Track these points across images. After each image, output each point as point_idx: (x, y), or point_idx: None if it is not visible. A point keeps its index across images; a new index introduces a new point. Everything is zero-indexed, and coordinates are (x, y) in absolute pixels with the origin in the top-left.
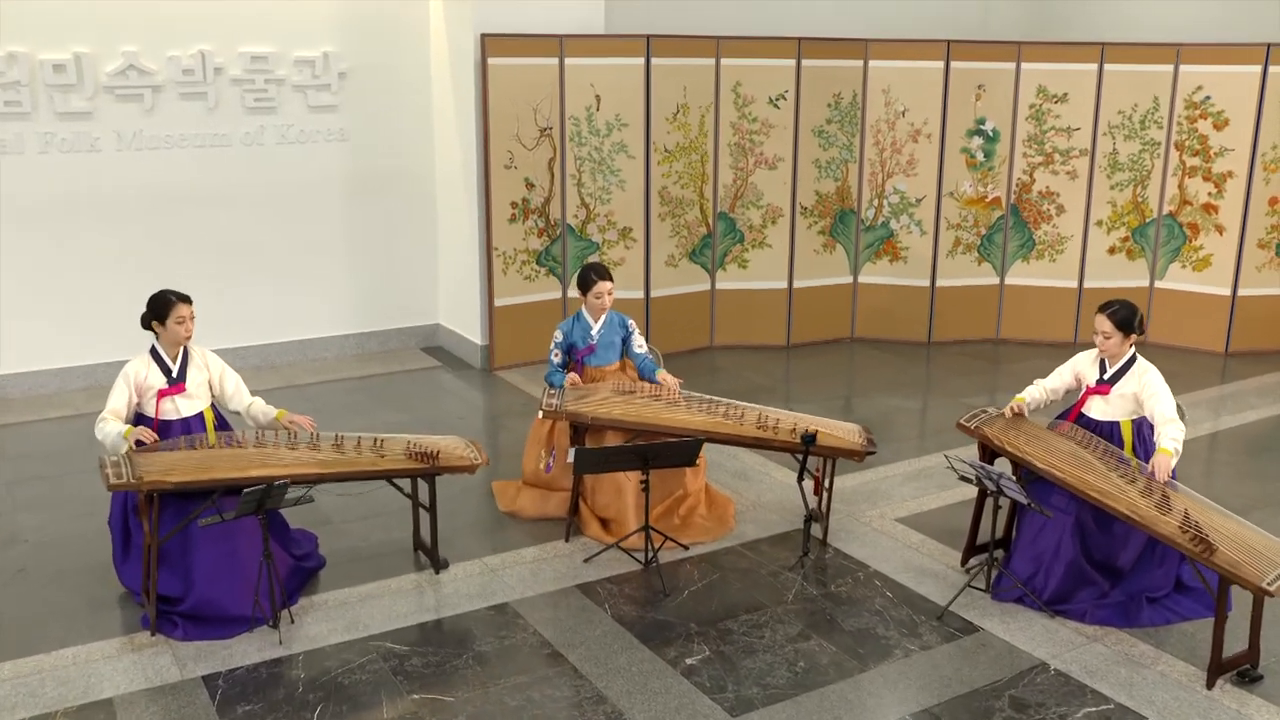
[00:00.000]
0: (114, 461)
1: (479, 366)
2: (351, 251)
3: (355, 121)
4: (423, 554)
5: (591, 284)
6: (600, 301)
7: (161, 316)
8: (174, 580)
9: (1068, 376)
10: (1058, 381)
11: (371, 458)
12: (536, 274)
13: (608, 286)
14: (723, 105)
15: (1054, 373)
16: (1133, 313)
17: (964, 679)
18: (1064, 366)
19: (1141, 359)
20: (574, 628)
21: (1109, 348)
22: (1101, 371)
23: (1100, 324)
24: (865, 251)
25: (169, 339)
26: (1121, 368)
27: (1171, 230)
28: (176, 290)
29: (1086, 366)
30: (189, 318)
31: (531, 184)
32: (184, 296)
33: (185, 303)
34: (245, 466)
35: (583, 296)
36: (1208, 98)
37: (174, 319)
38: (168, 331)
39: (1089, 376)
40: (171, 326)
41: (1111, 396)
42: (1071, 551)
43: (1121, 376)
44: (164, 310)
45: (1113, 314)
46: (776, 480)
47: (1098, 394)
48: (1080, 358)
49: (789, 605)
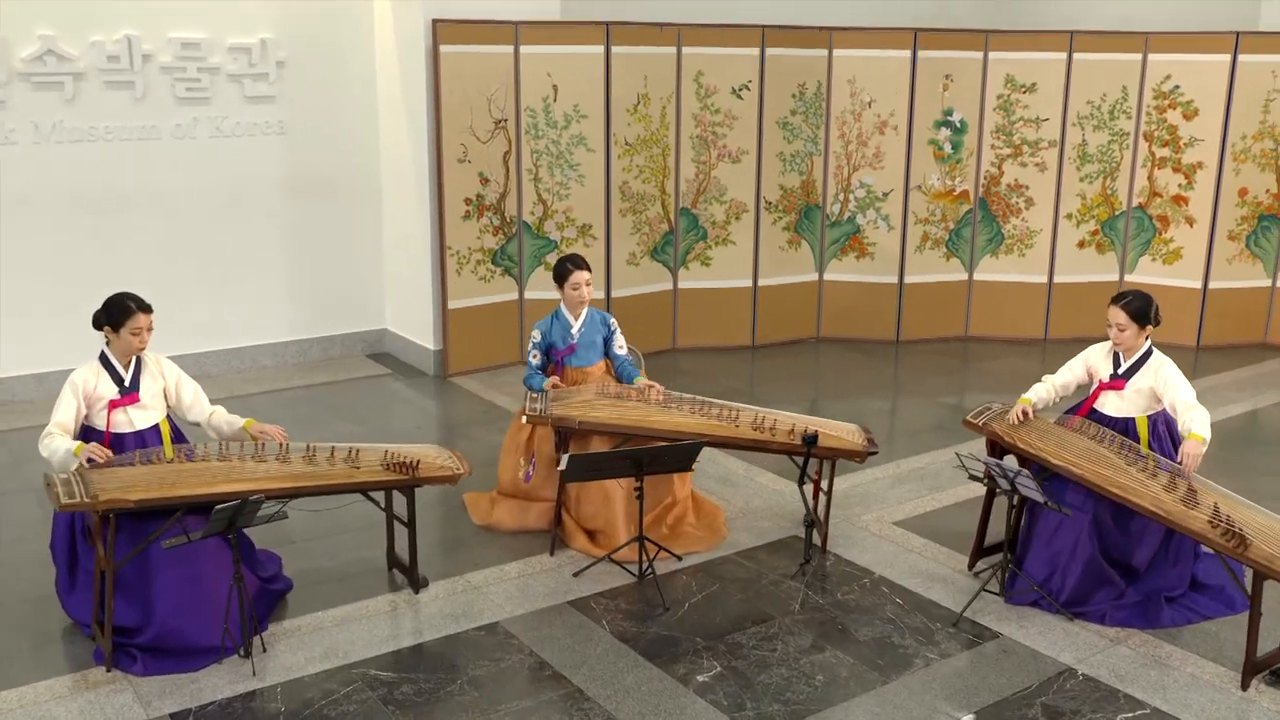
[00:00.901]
0: (63, 479)
1: (432, 373)
2: (291, 252)
3: (295, 114)
4: (399, 573)
5: (567, 274)
6: (578, 293)
7: (116, 323)
8: (131, 609)
9: (1079, 371)
10: (1068, 377)
11: (346, 470)
12: (492, 274)
13: (585, 277)
14: (684, 96)
15: (1063, 368)
16: (1148, 303)
17: (991, 687)
18: (1074, 361)
19: (1157, 351)
20: (572, 646)
21: (1124, 341)
22: (1115, 365)
23: (1114, 316)
24: (831, 248)
25: (121, 347)
26: (1137, 361)
27: (1141, 223)
28: (137, 296)
29: (1099, 360)
30: (146, 329)
31: (486, 179)
32: (144, 305)
33: (145, 312)
34: (211, 482)
35: (559, 289)
36: (1177, 87)
37: (129, 328)
38: (120, 340)
39: (1102, 371)
40: (125, 336)
41: (1127, 392)
42: (1089, 550)
43: (1137, 370)
44: (120, 317)
45: (1126, 305)
46: (764, 485)
47: (1112, 389)
48: (1092, 351)
49: (797, 615)
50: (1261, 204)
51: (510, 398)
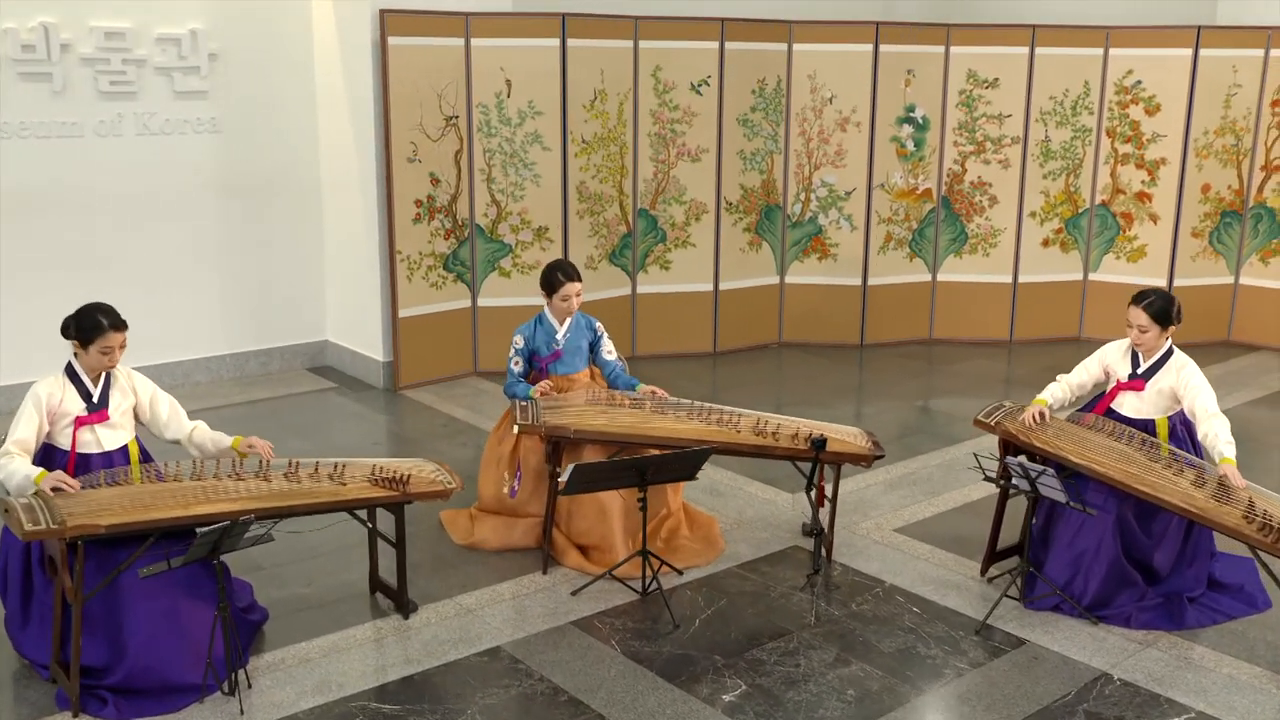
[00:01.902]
0: (24, 504)
1: (381, 386)
2: (226, 259)
3: (229, 110)
4: (383, 597)
5: (558, 285)
6: (568, 304)
7: (85, 339)
8: (98, 647)
9: (1095, 370)
10: (1083, 376)
11: (332, 487)
12: (444, 280)
13: (576, 288)
14: (642, 91)
15: (1078, 366)
16: (1170, 303)
17: (1029, 696)
18: (1090, 360)
19: (1179, 351)
20: (585, 670)
21: (1145, 342)
22: (1134, 365)
23: (1135, 317)
24: (792, 249)
25: (89, 363)
26: (1158, 361)
27: (1104, 220)
28: (112, 310)
29: (1117, 359)
30: (118, 348)
31: (437, 179)
32: (118, 321)
33: (118, 329)
34: (189, 503)
35: (547, 299)
36: (1139, 82)
37: (99, 346)
38: (88, 357)
39: (1120, 370)
40: (94, 354)
41: (1147, 393)
42: (1113, 551)
43: (1157, 370)
44: (89, 333)
45: (1148, 306)
46: (755, 495)
47: (1131, 390)
48: (1109, 349)
49: (814, 629)
50: (1224, 200)
51: (468, 410)
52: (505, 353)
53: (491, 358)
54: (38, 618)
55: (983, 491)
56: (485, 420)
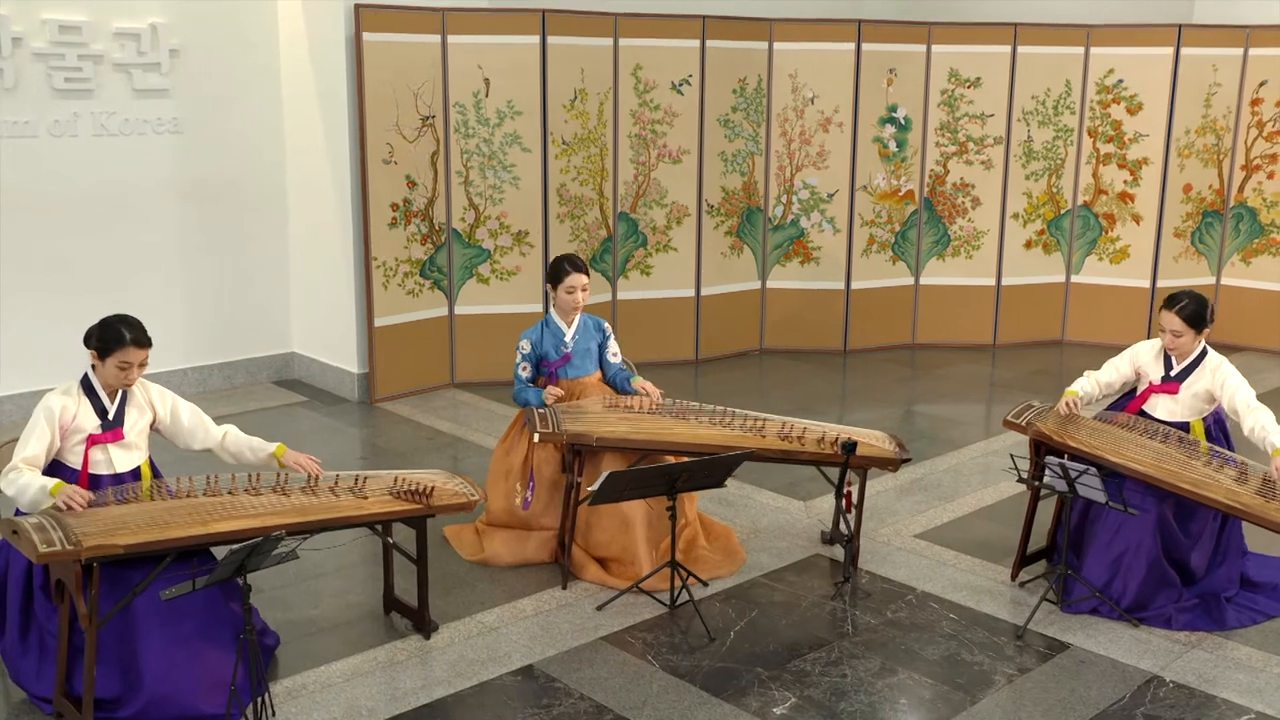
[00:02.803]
0: (35, 524)
1: (356, 399)
2: (187, 268)
3: (191, 110)
4: (398, 617)
5: (564, 275)
6: (573, 297)
7: (104, 349)
8: (110, 677)
9: (1125, 370)
10: (1113, 375)
11: (353, 501)
12: (420, 288)
13: (582, 280)
14: (622, 91)
15: (1108, 364)
16: (1203, 305)
17: (1084, 700)
18: (1120, 359)
19: (1213, 351)
20: (625, 686)
21: (1180, 346)
22: (1167, 367)
23: (1169, 322)
24: (774, 253)
25: (105, 377)
26: (1192, 363)
27: (1087, 221)
28: (137, 324)
29: (1149, 360)
30: (136, 365)
31: (414, 182)
32: (142, 338)
33: (140, 346)
34: (208, 520)
35: (552, 291)
36: (1120, 81)
37: (117, 360)
38: (104, 370)
39: (1152, 372)
40: (110, 368)
41: (1181, 395)
42: (1154, 551)
43: (1191, 373)
44: (109, 345)
45: (1181, 310)
46: (766, 504)
47: (1164, 393)
48: (1141, 349)
49: (854, 638)
50: (1205, 200)
51: (451, 422)
52: (483, 363)
53: (469, 368)
54: (38, 646)
55: (997, 496)
56: (470, 432)
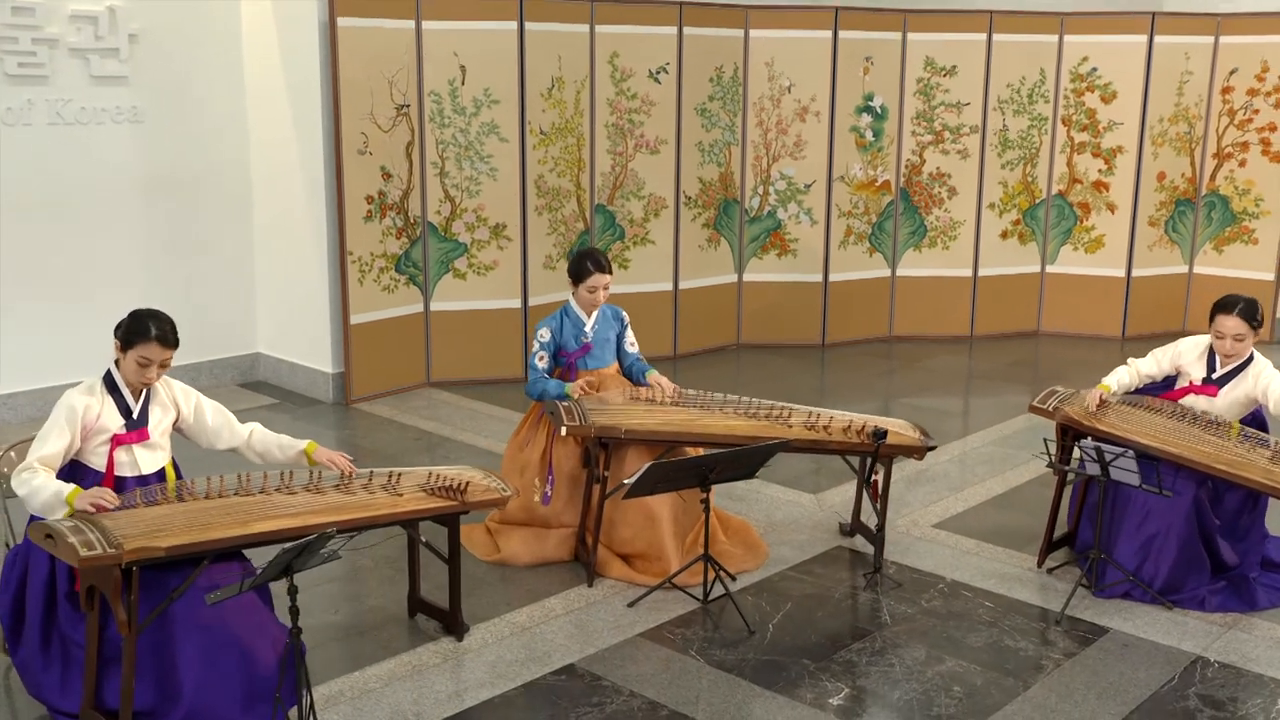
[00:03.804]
0: (72, 526)
1: (331, 400)
2: (147, 265)
3: (152, 98)
4: (423, 619)
5: (587, 274)
6: (594, 296)
7: (127, 341)
8: (145, 688)
9: (1166, 366)
10: (1153, 368)
11: (388, 499)
12: (396, 283)
13: (605, 280)
14: (599, 79)
15: (1150, 356)
16: (1254, 302)
17: (1136, 683)
18: (1163, 353)
19: (1259, 355)
20: (674, 682)
21: (1240, 350)
22: (1209, 369)
23: (1230, 326)
24: (751, 245)
25: (126, 373)
26: (1236, 368)
27: (1061, 211)
28: (167, 322)
29: (1191, 360)
30: (157, 364)
31: (389, 174)
32: (168, 336)
33: (164, 344)
34: (248, 521)
35: (573, 289)
36: (1094, 69)
37: (138, 355)
38: (126, 364)
39: (1194, 373)
40: (130, 362)
41: (1218, 400)
42: (1185, 534)
43: (1234, 377)
44: (132, 337)
45: (1242, 310)
46: (776, 497)
47: (1203, 394)
48: (1186, 347)
49: (893, 627)
50: (1178, 188)
51: (436, 422)
52: (460, 362)
53: (446, 367)
54: (60, 659)
55: (1005, 485)
56: (458, 431)
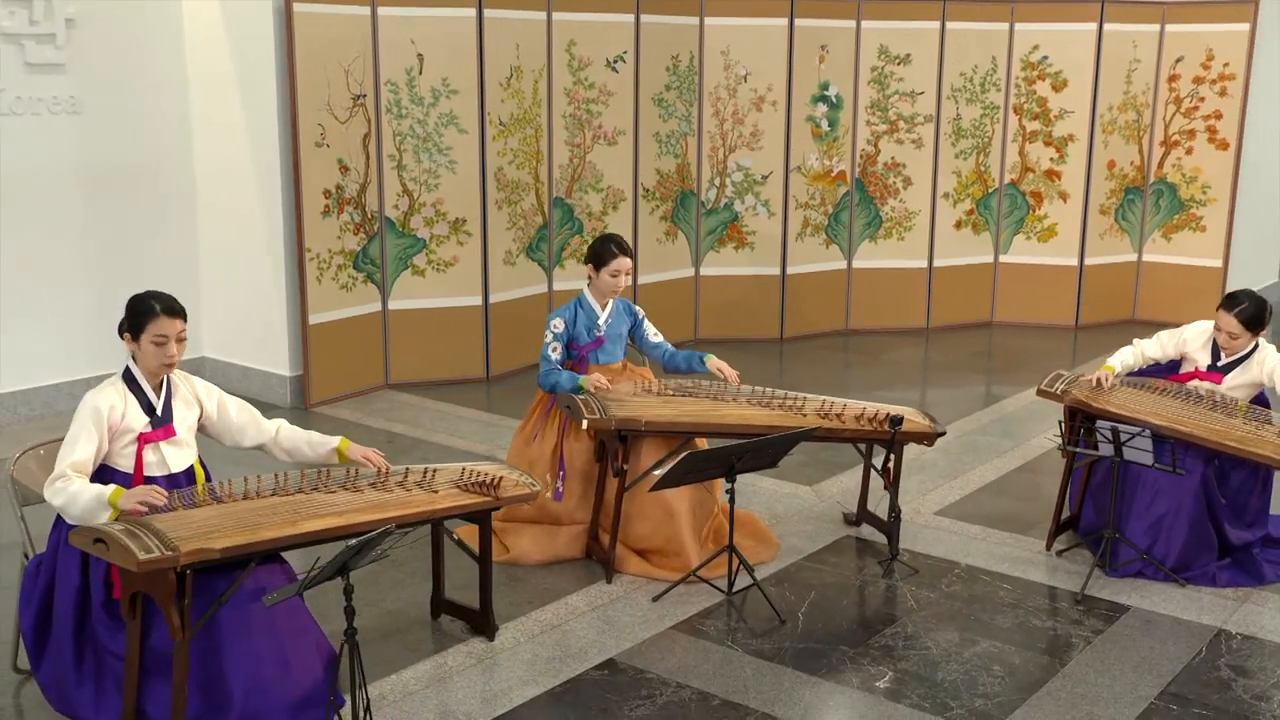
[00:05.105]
0: (124, 529)
1: (289, 404)
2: (88, 265)
3: (91, 87)
4: (447, 619)
5: (609, 258)
6: (615, 282)
7: (136, 327)
8: (191, 698)
9: (1170, 351)
10: (1158, 351)
11: (425, 496)
12: (354, 281)
13: (627, 264)
14: (556, 68)
15: (1155, 339)
16: (1262, 307)
17: (1167, 656)
18: (1169, 336)
19: (1264, 344)
20: (719, 672)
21: (1235, 347)
22: (1214, 357)
23: (1226, 323)
24: (708, 238)
25: (145, 364)
26: (1241, 357)
27: (1014, 200)
28: (166, 296)
29: (1196, 347)
30: (174, 339)
31: (346, 167)
32: (174, 307)
33: (173, 316)
34: (296, 521)
35: (594, 275)
36: (1045, 58)
37: (151, 336)
38: (143, 354)
39: (1199, 359)
40: (146, 346)
41: (1223, 386)
42: (1195, 512)
43: (1238, 365)
44: (140, 319)
45: (1240, 312)
46: (773, 490)
47: (1207, 380)
48: (1191, 334)
49: (920, 612)
50: (1127, 177)
51: (404, 424)
52: (419, 362)
53: (404, 368)
54: (94, 673)
55: (997, 472)
56: (431, 433)
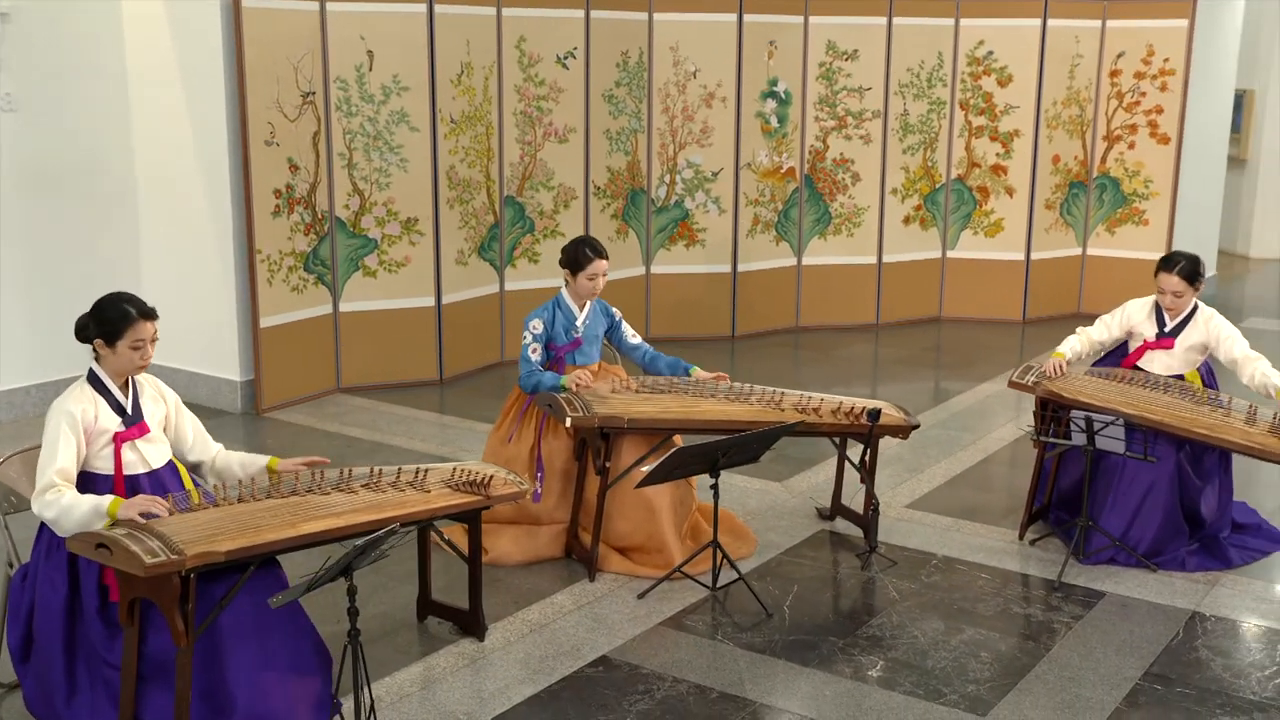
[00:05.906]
0: (127, 534)
1: (240, 410)
2: (26, 269)
3: (28, 84)
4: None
5: (586, 261)
6: (594, 284)
7: (111, 333)
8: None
9: (1116, 331)
10: (1104, 335)
11: (419, 496)
12: (305, 283)
13: (604, 266)
14: (506, 65)
15: (1099, 323)
16: (1196, 263)
17: (1146, 638)
18: (1111, 317)
19: (1202, 305)
20: (713, 665)
21: (1179, 305)
22: (1160, 324)
23: (1169, 284)
24: (658, 236)
25: (115, 365)
26: (1185, 319)
27: (961, 195)
28: (137, 298)
29: (1141, 319)
30: (150, 340)
31: (296, 166)
32: (148, 309)
33: (149, 318)
34: (295, 522)
35: (571, 279)
36: (990, 53)
37: (129, 340)
38: (116, 357)
39: (1146, 330)
40: (124, 351)
41: (1176, 350)
42: (1169, 499)
43: (1185, 327)
44: (117, 326)
45: (1180, 270)
46: (744, 487)
47: (1160, 349)
48: (1132, 309)
49: (904, 603)
50: (1071, 171)
51: (361, 428)
52: (371, 365)
53: (356, 371)
54: (88, 684)
55: (961, 465)
56: (391, 436)
